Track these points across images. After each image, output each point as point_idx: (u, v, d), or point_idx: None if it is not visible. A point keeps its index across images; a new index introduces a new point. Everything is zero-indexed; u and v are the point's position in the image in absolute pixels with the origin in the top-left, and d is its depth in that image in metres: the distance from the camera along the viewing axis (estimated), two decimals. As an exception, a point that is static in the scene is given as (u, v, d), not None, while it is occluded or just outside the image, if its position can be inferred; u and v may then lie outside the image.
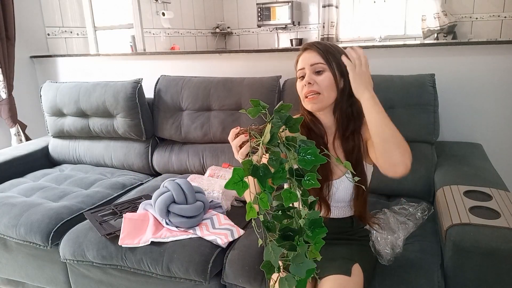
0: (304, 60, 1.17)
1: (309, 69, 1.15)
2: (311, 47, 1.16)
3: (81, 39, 3.27)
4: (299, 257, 0.81)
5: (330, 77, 1.13)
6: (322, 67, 1.14)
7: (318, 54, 1.14)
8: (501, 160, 1.82)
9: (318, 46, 1.15)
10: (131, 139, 2.23)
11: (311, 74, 1.14)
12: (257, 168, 0.79)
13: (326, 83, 1.13)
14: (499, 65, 1.83)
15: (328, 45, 1.17)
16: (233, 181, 0.78)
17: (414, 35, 4.21)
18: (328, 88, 1.14)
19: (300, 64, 1.18)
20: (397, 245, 1.26)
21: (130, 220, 1.56)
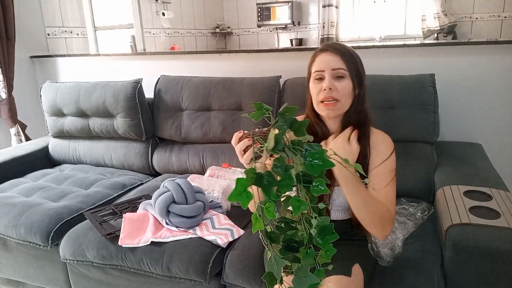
0: (324, 62, 1.12)
1: (330, 73, 1.11)
2: (333, 50, 1.12)
3: (81, 39, 3.27)
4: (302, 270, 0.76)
5: (350, 84, 1.11)
6: (344, 73, 1.10)
7: (341, 59, 1.10)
8: (501, 160, 1.82)
9: (341, 50, 1.11)
10: (131, 139, 2.23)
11: (332, 80, 1.11)
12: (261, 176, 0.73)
13: (346, 91, 1.11)
14: (499, 65, 1.83)
15: (350, 50, 1.13)
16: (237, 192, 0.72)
17: (414, 35, 4.21)
18: (346, 96, 1.12)
19: (319, 66, 1.13)
20: (397, 245, 1.26)
21: (130, 220, 1.56)
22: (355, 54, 1.14)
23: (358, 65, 1.13)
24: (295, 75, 1.97)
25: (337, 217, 1.22)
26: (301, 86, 1.90)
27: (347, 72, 1.10)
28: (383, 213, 1.09)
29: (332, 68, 1.10)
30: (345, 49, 1.13)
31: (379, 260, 1.23)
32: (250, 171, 0.73)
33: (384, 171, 1.15)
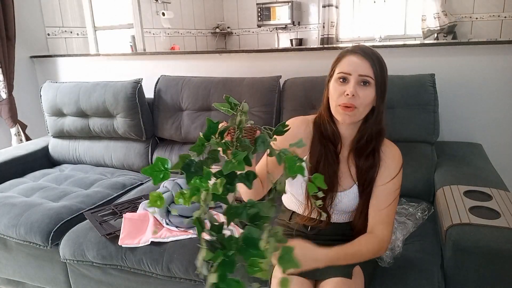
0: (352, 65, 1.06)
1: (356, 78, 1.06)
2: (364, 54, 1.06)
3: (81, 39, 3.27)
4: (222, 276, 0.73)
5: (373, 93, 1.07)
6: (370, 81, 1.06)
7: (371, 67, 1.05)
8: (501, 160, 1.82)
9: (371, 56, 1.06)
10: (131, 139, 2.23)
11: (356, 85, 1.06)
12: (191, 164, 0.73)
13: (368, 100, 1.07)
14: (499, 65, 1.83)
15: (379, 58, 1.08)
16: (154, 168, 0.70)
17: (414, 35, 4.21)
18: (366, 105, 1.08)
19: (346, 68, 1.07)
20: (397, 246, 1.26)
21: (130, 220, 1.56)
22: (384, 63, 1.09)
23: (385, 75, 1.09)
24: (295, 75, 1.97)
25: (337, 220, 1.21)
26: (301, 86, 1.90)
27: (373, 80, 1.06)
28: (374, 250, 1.11)
29: (360, 74, 1.05)
30: (375, 55, 1.07)
31: (379, 261, 1.23)
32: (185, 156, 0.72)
33: (390, 190, 1.14)
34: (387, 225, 1.13)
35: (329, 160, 1.14)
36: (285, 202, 1.32)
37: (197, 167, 0.73)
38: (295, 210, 1.25)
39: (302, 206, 1.22)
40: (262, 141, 0.79)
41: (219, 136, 0.77)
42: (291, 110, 1.89)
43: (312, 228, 1.22)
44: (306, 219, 1.20)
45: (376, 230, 1.13)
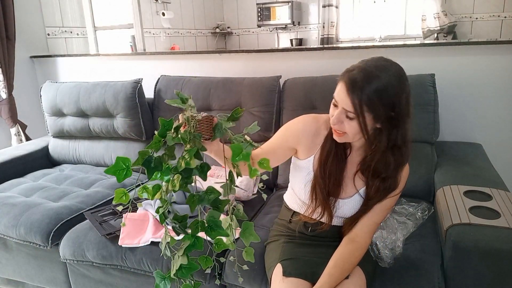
0: (339, 96, 1.01)
1: (342, 111, 1.02)
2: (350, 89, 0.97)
3: (81, 39, 3.27)
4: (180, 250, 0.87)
5: (357, 126, 1.01)
6: (353, 116, 1.00)
7: (352, 102, 0.97)
8: (501, 160, 1.82)
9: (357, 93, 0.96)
10: (131, 139, 2.23)
11: (341, 116, 1.02)
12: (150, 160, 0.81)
13: (354, 131, 1.02)
14: (499, 65, 1.83)
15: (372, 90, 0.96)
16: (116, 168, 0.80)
17: (414, 35, 4.21)
18: (354, 133, 1.03)
19: (336, 97, 1.03)
20: (397, 246, 1.26)
21: (130, 220, 1.56)
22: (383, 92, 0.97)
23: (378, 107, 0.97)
24: (295, 75, 1.97)
25: (337, 223, 1.22)
26: (301, 86, 1.90)
27: (355, 116, 0.99)
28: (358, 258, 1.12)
29: (343, 107, 1.01)
30: (365, 89, 0.96)
31: (379, 262, 1.23)
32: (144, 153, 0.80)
33: (388, 205, 1.15)
34: (370, 233, 1.16)
35: (338, 157, 1.13)
36: (288, 202, 1.31)
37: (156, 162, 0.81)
38: (297, 210, 1.25)
39: (303, 205, 1.22)
40: (219, 128, 0.90)
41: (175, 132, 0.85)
42: (291, 110, 1.89)
43: (312, 229, 1.23)
44: (307, 218, 1.21)
45: (360, 238, 1.14)
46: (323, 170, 1.13)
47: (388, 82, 0.98)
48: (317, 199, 1.15)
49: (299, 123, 1.19)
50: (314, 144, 1.16)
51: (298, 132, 1.17)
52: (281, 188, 1.89)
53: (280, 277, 1.12)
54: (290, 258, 1.17)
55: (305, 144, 1.16)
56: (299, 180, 1.20)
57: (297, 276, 1.11)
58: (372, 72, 0.98)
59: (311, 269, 1.12)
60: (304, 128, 1.16)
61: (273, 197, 1.81)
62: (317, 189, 1.14)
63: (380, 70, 0.99)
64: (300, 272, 1.12)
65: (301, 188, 1.20)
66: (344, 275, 1.09)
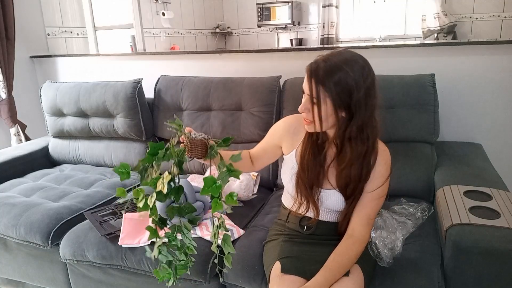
0: (304, 84, 1.09)
1: (307, 98, 1.09)
2: (309, 74, 1.06)
3: (81, 39, 3.27)
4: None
5: (324, 110, 1.06)
6: (314, 100, 1.06)
7: (314, 86, 1.05)
8: (501, 160, 1.82)
9: (317, 74, 1.04)
10: (131, 139, 2.23)
11: (307, 102, 1.09)
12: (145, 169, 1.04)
13: (317, 116, 1.07)
14: (499, 65, 1.83)
15: (328, 72, 1.03)
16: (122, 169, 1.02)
17: (414, 35, 4.21)
18: (320, 120, 1.08)
19: (303, 85, 1.10)
20: (397, 246, 1.26)
21: (130, 220, 1.56)
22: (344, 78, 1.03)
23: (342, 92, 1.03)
24: (295, 75, 1.97)
25: (326, 218, 1.23)
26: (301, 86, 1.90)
27: (315, 100, 1.05)
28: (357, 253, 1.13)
29: (307, 93, 1.08)
30: (322, 71, 1.04)
31: (379, 261, 1.23)
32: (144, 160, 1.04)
33: (377, 196, 1.15)
34: (367, 226, 1.16)
35: (313, 150, 1.18)
36: (284, 201, 1.35)
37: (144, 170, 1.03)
38: (288, 205, 1.30)
39: (292, 200, 1.26)
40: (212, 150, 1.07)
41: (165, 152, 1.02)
42: (291, 110, 1.89)
43: (307, 228, 1.25)
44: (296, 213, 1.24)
45: (357, 232, 1.15)
46: (303, 162, 1.20)
47: (346, 72, 1.03)
48: (301, 192, 1.20)
49: (281, 122, 1.32)
50: (295, 139, 1.25)
51: (279, 130, 1.29)
52: (281, 188, 1.89)
53: (278, 274, 1.14)
54: (288, 256, 1.19)
55: (287, 140, 1.26)
56: (286, 173, 1.27)
57: (295, 273, 1.13)
58: (331, 60, 1.05)
59: (309, 267, 1.13)
60: (284, 126, 1.28)
61: (273, 197, 1.81)
62: (299, 182, 1.20)
63: (341, 60, 1.05)
64: (298, 270, 1.13)
65: (288, 182, 1.25)
66: (342, 270, 1.09)
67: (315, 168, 1.17)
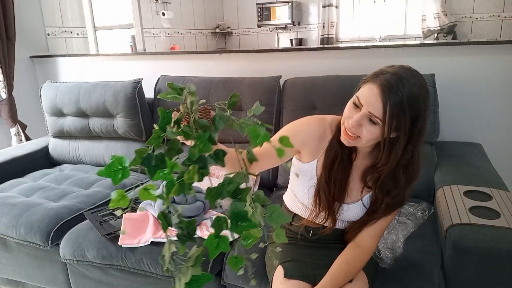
0: (367, 98, 0.97)
1: (365, 113, 0.97)
2: (382, 94, 0.93)
3: (81, 39, 3.27)
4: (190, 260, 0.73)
5: (379, 132, 0.97)
6: (377, 121, 0.96)
7: (382, 109, 0.94)
8: (501, 160, 1.82)
9: (390, 98, 0.93)
10: (131, 139, 2.23)
11: (363, 119, 0.97)
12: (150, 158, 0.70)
13: (372, 136, 0.99)
14: (499, 65, 1.83)
15: (404, 97, 0.93)
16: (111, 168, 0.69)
17: (414, 35, 4.21)
18: (370, 140, 1.00)
19: (362, 98, 0.98)
20: (397, 246, 1.26)
21: (130, 220, 1.56)
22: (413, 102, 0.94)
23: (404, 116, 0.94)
24: (295, 75, 1.97)
25: (339, 226, 1.20)
26: (301, 86, 1.90)
27: (381, 122, 0.95)
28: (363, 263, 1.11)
29: (369, 111, 0.96)
30: (398, 94, 0.93)
31: (380, 262, 1.23)
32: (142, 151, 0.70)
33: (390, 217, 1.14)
34: (377, 238, 1.14)
35: (343, 163, 1.10)
36: (288, 204, 1.29)
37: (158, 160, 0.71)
38: (298, 213, 1.23)
39: (305, 209, 1.20)
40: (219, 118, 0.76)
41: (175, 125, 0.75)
42: (291, 110, 1.89)
43: (313, 233, 1.21)
44: (311, 222, 1.19)
45: (365, 242, 1.13)
46: (328, 175, 1.10)
47: (418, 91, 0.95)
48: (321, 204, 1.13)
49: (305, 125, 1.15)
50: (318, 148, 1.14)
51: (303, 134, 1.14)
52: (281, 188, 1.89)
53: (281, 279, 1.12)
54: (291, 260, 1.16)
55: (310, 147, 1.14)
56: (302, 184, 1.18)
57: (299, 278, 1.10)
58: (406, 78, 0.95)
59: (312, 271, 1.11)
60: (310, 130, 1.13)
61: (273, 197, 1.81)
62: (321, 194, 1.12)
63: (413, 77, 0.96)
64: (302, 274, 1.11)
65: (304, 193, 1.18)
66: (347, 278, 1.08)
67: (342, 182, 1.11)
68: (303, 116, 1.19)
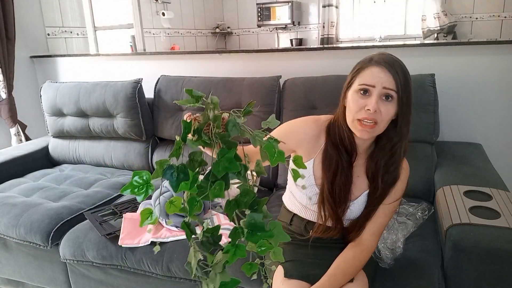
0: (376, 78, 0.99)
1: (380, 91, 0.98)
2: (388, 67, 0.99)
3: (81, 39, 3.27)
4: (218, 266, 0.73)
5: (395, 108, 1.00)
6: (393, 95, 0.98)
7: (394, 79, 0.98)
8: (501, 160, 1.82)
9: (396, 68, 0.99)
10: (131, 139, 2.23)
11: (379, 100, 0.99)
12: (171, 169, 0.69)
13: (389, 115, 1.00)
14: (499, 65, 1.83)
15: (404, 68, 1.01)
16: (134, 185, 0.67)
17: (414, 35, 4.21)
18: (387, 121, 1.01)
19: (370, 80, 1.00)
20: (397, 246, 1.26)
21: (130, 220, 1.56)
22: (408, 74, 1.02)
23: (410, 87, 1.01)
24: (295, 75, 1.97)
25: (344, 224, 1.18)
26: (301, 86, 1.90)
27: (396, 94, 0.98)
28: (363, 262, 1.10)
29: (384, 86, 0.98)
30: (400, 67, 1.01)
31: (379, 262, 1.22)
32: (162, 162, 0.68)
33: (392, 209, 1.13)
34: (377, 236, 1.14)
35: (345, 171, 1.10)
36: (287, 204, 1.28)
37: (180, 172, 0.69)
38: (297, 212, 1.23)
39: (304, 209, 1.20)
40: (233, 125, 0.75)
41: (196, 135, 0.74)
42: (291, 110, 1.89)
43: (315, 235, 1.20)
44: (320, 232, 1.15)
45: (365, 240, 1.13)
46: (332, 187, 1.09)
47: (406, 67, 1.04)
48: (326, 213, 1.12)
49: (301, 125, 1.16)
50: (314, 148, 1.14)
51: (300, 135, 1.13)
52: (281, 188, 1.89)
53: (281, 279, 1.11)
54: (291, 260, 1.15)
55: (306, 147, 1.14)
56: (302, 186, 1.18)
57: (299, 278, 1.10)
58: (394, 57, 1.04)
59: (313, 271, 1.10)
60: (306, 131, 1.13)
61: (273, 197, 1.81)
62: (326, 204, 1.11)
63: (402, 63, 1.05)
64: (302, 274, 1.10)
65: (302, 193, 1.17)
66: (347, 278, 1.07)
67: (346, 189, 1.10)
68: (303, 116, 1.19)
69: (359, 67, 1.04)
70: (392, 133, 1.05)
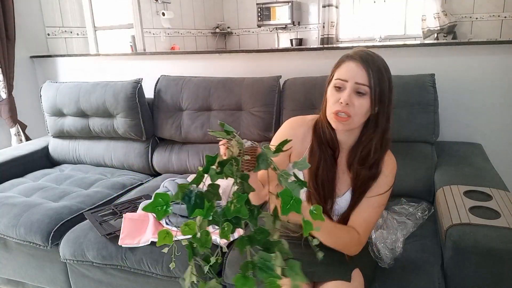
0: (349, 73, 1.03)
1: (352, 86, 1.03)
2: (362, 62, 1.02)
3: (81, 39, 3.27)
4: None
5: (368, 103, 1.03)
6: (366, 90, 1.02)
7: (367, 76, 1.02)
8: (501, 160, 1.82)
9: (370, 63, 1.02)
10: (131, 139, 2.23)
11: (352, 94, 1.03)
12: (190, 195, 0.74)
13: (362, 109, 1.03)
14: (499, 65, 1.83)
15: (380, 66, 1.04)
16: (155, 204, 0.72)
17: (414, 35, 4.21)
18: (361, 114, 1.05)
19: (343, 74, 1.04)
20: (397, 246, 1.26)
21: (130, 220, 1.56)
22: (385, 71, 1.05)
23: (385, 84, 1.04)
24: (295, 75, 1.97)
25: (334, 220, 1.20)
26: (301, 86, 1.91)
27: (368, 89, 1.02)
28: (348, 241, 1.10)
29: (356, 82, 1.02)
30: (375, 63, 1.03)
31: (379, 262, 1.23)
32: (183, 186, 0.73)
33: (379, 203, 1.12)
34: (364, 229, 1.13)
35: (327, 165, 1.13)
36: None
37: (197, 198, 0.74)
38: None
39: None
40: (263, 159, 0.82)
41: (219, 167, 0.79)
42: (291, 110, 1.89)
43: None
44: None
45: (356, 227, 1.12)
46: (315, 181, 1.12)
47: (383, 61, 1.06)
48: None
49: (289, 130, 1.20)
50: (302, 148, 1.18)
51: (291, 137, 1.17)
52: (281, 188, 1.89)
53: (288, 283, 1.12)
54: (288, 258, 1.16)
55: (296, 148, 1.18)
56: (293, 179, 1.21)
57: None
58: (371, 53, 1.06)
59: (310, 269, 1.11)
60: (294, 134, 1.17)
61: (273, 197, 1.81)
62: (312, 200, 1.14)
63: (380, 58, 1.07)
64: None
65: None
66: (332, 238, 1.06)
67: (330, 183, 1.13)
68: None
69: (338, 62, 1.09)
70: (370, 127, 1.09)
